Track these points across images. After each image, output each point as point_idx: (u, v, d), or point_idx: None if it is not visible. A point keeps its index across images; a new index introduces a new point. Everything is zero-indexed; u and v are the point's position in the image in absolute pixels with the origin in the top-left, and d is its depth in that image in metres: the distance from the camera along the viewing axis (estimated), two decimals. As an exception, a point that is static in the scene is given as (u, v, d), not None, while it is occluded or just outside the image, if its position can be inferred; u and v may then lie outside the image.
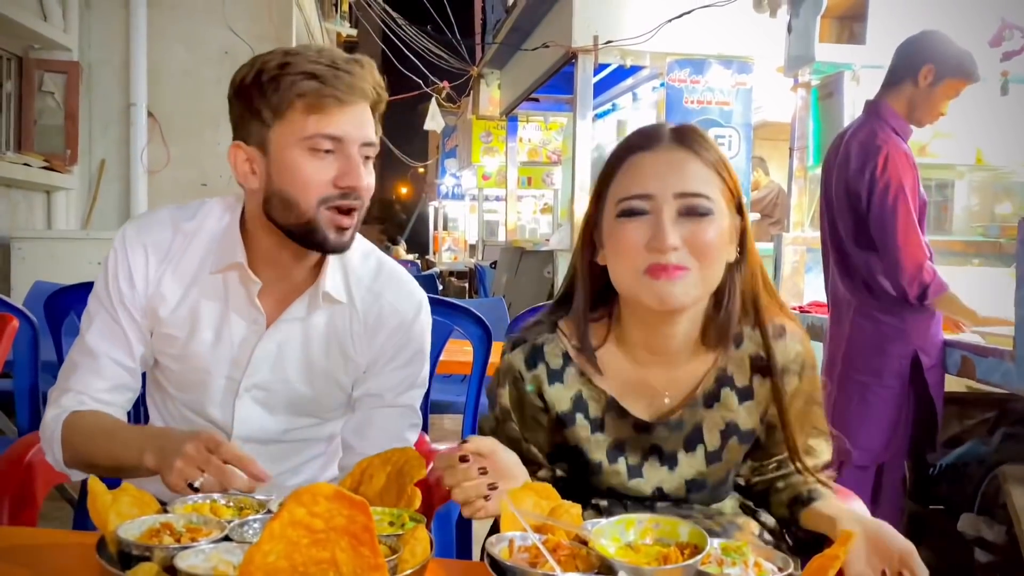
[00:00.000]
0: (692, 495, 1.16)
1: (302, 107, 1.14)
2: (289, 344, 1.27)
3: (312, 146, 1.15)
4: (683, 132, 1.08)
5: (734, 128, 4.85)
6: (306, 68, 1.14)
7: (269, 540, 0.75)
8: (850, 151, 2.46)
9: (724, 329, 1.10)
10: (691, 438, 1.14)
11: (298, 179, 1.16)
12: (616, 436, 1.14)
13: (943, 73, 2.44)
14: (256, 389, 1.27)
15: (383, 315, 1.29)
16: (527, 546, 0.91)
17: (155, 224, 1.27)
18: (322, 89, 1.13)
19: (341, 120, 1.15)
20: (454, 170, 14.78)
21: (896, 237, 2.34)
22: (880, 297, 2.45)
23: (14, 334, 1.77)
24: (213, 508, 0.99)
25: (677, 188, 1.02)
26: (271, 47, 3.72)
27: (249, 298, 1.24)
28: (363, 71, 1.17)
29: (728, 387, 1.13)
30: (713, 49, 4.93)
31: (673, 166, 1.04)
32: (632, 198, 1.03)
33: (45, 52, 4.94)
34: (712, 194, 1.04)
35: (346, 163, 1.16)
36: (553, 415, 1.15)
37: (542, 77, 6.59)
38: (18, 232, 4.47)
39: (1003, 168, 3.70)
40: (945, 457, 2.92)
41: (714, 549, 0.92)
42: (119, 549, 0.86)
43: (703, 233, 1.02)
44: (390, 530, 0.93)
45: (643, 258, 1.02)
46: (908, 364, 2.42)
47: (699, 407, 1.14)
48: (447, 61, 9.95)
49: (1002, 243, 3.43)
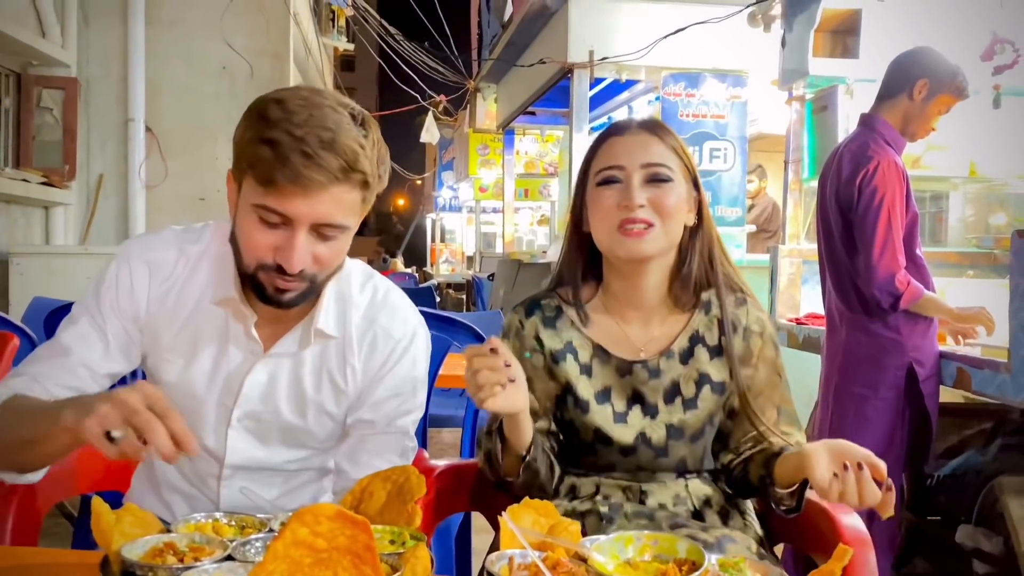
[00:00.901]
0: (672, 442, 1.30)
1: (255, 174, 1.09)
2: (279, 376, 1.25)
3: (260, 215, 1.10)
4: (649, 121, 1.33)
5: (729, 141, 4.88)
6: (275, 135, 1.06)
7: (272, 560, 0.76)
8: (843, 161, 2.50)
9: (687, 283, 1.32)
10: (670, 391, 1.31)
11: (243, 237, 1.14)
12: (603, 382, 1.32)
13: (937, 89, 2.47)
14: (247, 419, 1.26)
15: (376, 340, 1.27)
16: (527, 563, 0.92)
17: (161, 245, 1.25)
18: (276, 168, 1.06)
19: (292, 201, 1.08)
20: (451, 182, 14.82)
21: (873, 246, 2.37)
22: (873, 309, 2.46)
23: (15, 352, 1.77)
24: (215, 527, 1.00)
25: (643, 160, 1.27)
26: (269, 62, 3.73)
27: (246, 330, 1.23)
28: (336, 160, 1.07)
29: (700, 344, 1.32)
30: (708, 63, 4.97)
31: (640, 144, 1.28)
32: (608, 168, 1.28)
33: (43, 68, 4.95)
34: (672, 165, 1.28)
35: (288, 241, 1.10)
36: (547, 353, 1.33)
37: (538, 91, 6.63)
38: (16, 248, 4.47)
39: (996, 180, 3.72)
40: (942, 468, 2.93)
41: (712, 565, 0.92)
42: (123, 569, 0.87)
43: (665, 196, 1.26)
44: (391, 548, 0.94)
45: (616, 215, 1.25)
46: (904, 376, 2.45)
47: (675, 361, 1.31)
48: (444, 75, 9.99)
49: (996, 254, 3.45)
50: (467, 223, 16.79)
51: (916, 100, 2.49)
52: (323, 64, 8.81)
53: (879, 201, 2.37)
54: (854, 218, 2.43)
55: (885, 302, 2.39)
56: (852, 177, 2.44)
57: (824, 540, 1.21)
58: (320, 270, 1.15)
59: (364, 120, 1.13)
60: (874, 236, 2.37)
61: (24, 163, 4.80)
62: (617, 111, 7.22)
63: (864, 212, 2.40)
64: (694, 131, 4.84)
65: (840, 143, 2.67)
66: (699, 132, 4.85)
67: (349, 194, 1.11)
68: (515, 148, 9.47)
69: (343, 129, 1.09)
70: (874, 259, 2.37)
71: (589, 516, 1.26)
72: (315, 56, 7.88)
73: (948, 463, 2.95)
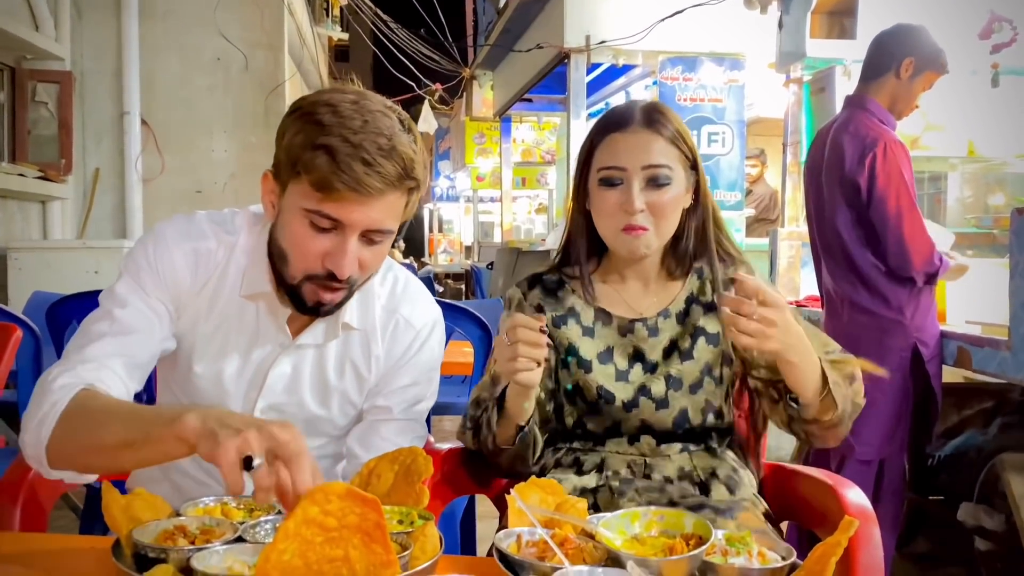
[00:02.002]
0: (671, 392, 1.34)
1: (310, 181, 1.08)
2: (303, 368, 1.26)
3: (312, 220, 1.10)
4: (650, 114, 1.35)
5: (727, 125, 4.87)
6: (331, 142, 1.06)
7: (284, 539, 0.77)
8: (843, 143, 2.48)
9: (681, 257, 1.40)
10: (668, 347, 1.37)
11: (292, 243, 1.14)
12: (605, 342, 1.38)
13: (922, 66, 2.48)
14: (272, 411, 1.26)
15: (398, 330, 1.29)
16: (535, 540, 0.93)
17: (201, 234, 1.23)
18: (334, 175, 1.06)
19: (347, 207, 1.08)
20: (448, 172, 14.79)
21: (902, 227, 2.37)
22: (879, 291, 2.46)
23: (18, 344, 1.78)
24: (224, 510, 1.00)
25: (644, 161, 1.31)
26: (264, 54, 3.72)
27: (278, 323, 1.23)
28: (393, 166, 1.08)
29: (695, 304, 1.39)
30: (705, 47, 4.96)
31: (642, 145, 1.32)
32: (611, 168, 1.33)
33: (38, 62, 4.94)
34: (672, 162, 1.33)
35: (340, 246, 1.11)
36: (549, 319, 1.37)
37: (535, 77, 6.61)
38: (14, 243, 4.47)
39: (995, 159, 3.72)
40: (944, 448, 2.94)
41: (718, 540, 0.93)
42: (135, 552, 0.88)
43: (661, 199, 1.32)
44: (400, 528, 0.94)
45: (619, 219, 1.32)
46: (909, 357, 2.45)
47: (672, 321, 1.38)
48: (439, 63, 9.96)
49: (995, 234, 3.46)
50: (465, 213, 16.76)
51: (903, 78, 2.48)
52: (318, 54, 8.78)
53: (896, 186, 2.37)
54: (869, 204, 2.42)
55: (923, 281, 2.41)
56: (859, 160, 2.42)
57: (829, 516, 1.22)
58: (362, 275, 1.16)
59: (410, 126, 1.14)
60: (900, 217, 2.36)
61: (20, 158, 4.79)
62: (614, 96, 7.19)
63: (883, 195, 2.38)
64: (692, 115, 4.83)
65: (827, 126, 2.66)
66: (697, 116, 4.84)
67: (399, 200, 1.13)
68: (512, 136, 9.45)
69: (397, 136, 1.10)
70: (906, 240, 2.37)
71: (600, 491, 1.28)
72: (310, 46, 7.85)
73: (949, 443, 2.96)
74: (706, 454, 1.35)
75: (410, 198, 1.15)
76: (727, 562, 0.90)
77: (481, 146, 11.18)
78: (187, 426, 0.88)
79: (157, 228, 1.23)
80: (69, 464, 1.04)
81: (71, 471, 1.05)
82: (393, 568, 0.81)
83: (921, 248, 2.37)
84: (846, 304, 2.56)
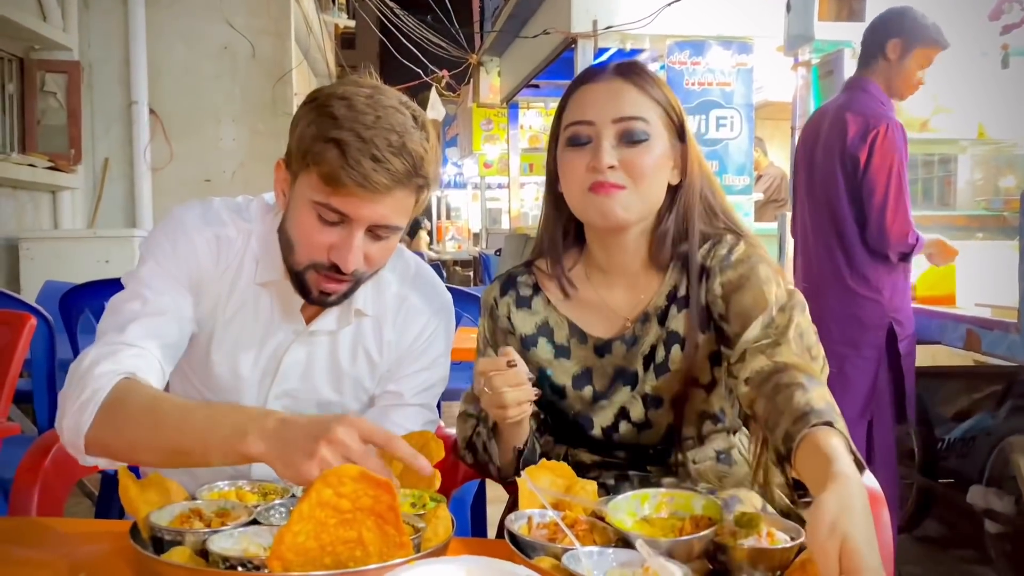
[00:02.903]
0: (652, 412, 1.20)
1: (319, 173, 1.08)
2: (316, 354, 1.27)
3: (319, 212, 1.10)
4: (625, 66, 1.18)
5: (735, 108, 4.85)
6: (343, 136, 1.05)
7: (299, 521, 0.78)
8: (846, 120, 2.53)
9: (663, 241, 1.20)
10: (648, 356, 1.20)
11: (299, 234, 1.13)
12: (582, 364, 1.23)
13: (910, 44, 2.53)
14: (286, 397, 1.27)
15: (409, 317, 1.29)
16: (545, 522, 0.94)
17: (221, 222, 1.23)
18: (342, 170, 1.05)
19: (355, 202, 1.08)
20: (455, 159, 14.76)
21: (887, 205, 2.46)
22: (860, 269, 2.54)
23: (32, 332, 1.79)
24: (239, 494, 1.02)
25: (614, 114, 1.13)
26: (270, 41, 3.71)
27: (292, 312, 1.23)
28: (404, 164, 1.07)
29: (674, 302, 1.20)
30: (712, 30, 4.92)
31: (612, 94, 1.15)
32: (577, 123, 1.15)
33: (45, 52, 4.94)
34: (650, 116, 1.14)
35: (346, 240, 1.10)
36: (518, 337, 1.26)
37: (542, 63, 6.58)
38: (26, 233, 4.49)
39: (1006, 142, 3.70)
40: (954, 431, 2.95)
41: (728, 521, 0.94)
42: (152, 535, 0.89)
43: (638, 157, 1.13)
44: (412, 510, 0.96)
45: (586, 178, 1.14)
46: (884, 335, 2.53)
47: (652, 324, 1.20)
48: (446, 50, 9.93)
49: (1005, 216, 3.44)
50: (472, 199, 16.74)
51: (892, 60, 2.55)
52: (324, 42, 8.76)
53: (891, 160, 2.45)
54: (864, 176, 2.48)
55: (896, 257, 2.50)
56: (863, 136, 2.47)
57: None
58: (368, 269, 1.16)
59: (424, 123, 1.13)
60: (887, 194, 2.45)
61: (30, 148, 4.81)
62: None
63: (877, 170, 2.45)
64: (700, 99, 4.80)
65: (826, 106, 2.72)
66: (705, 100, 4.82)
67: (407, 197, 1.12)
68: (519, 122, 9.42)
69: (409, 133, 1.09)
70: (887, 215, 2.45)
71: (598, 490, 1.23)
72: (316, 34, 7.84)
73: (959, 426, 2.96)
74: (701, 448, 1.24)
75: (420, 196, 1.14)
76: (736, 543, 0.91)
77: (488, 132, 11.15)
78: (254, 447, 0.91)
79: (176, 213, 1.23)
80: (107, 454, 1.04)
81: (107, 459, 1.05)
82: (406, 549, 0.82)
83: (899, 226, 2.46)
84: (828, 281, 2.61)
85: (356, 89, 1.10)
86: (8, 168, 4.23)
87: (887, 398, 2.57)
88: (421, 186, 1.13)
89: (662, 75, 5.23)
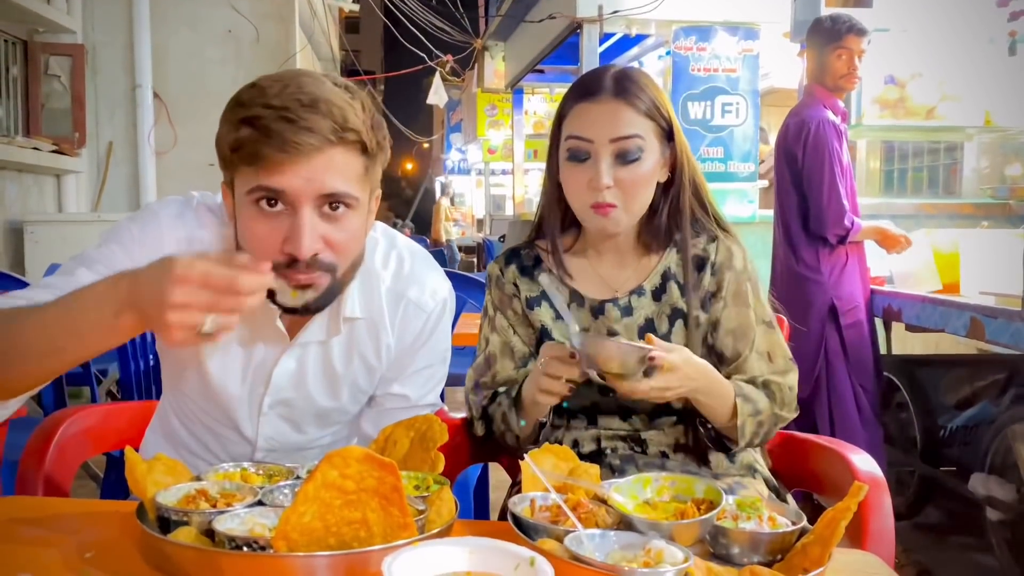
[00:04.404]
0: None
1: (240, 157, 1.02)
2: (308, 362, 1.22)
3: (256, 199, 1.03)
4: (621, 82, 1.26)
5: (741, 95, 4.82)
6: (251, 112, 1.01)
7: (304, 502, 0.79)
8: (788, 123, 2.96)
9: (656, 232, 1.33)
10: (643, 327, 1.32)
11: (249, 237, 1.06)
12: (581, 325, 1.33)
13: (818, 48, 2.91)
14: (280, 406, 1.24)
15: (407, 315, 1.24)
16: (548, 505, 0.95)
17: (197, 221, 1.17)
18: (259, 140, 1.00)
19: (286, 172, 1.00)
20: (459, 144, 14.74)
21: (822, 192, 2.82)
22: (801, 253, 2.91)
23: (38, 315, 1.80)
24: (244, 476, 1.03)
25: (611, 134, 1.24)
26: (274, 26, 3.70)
27: (271, 322, 1.17)
28: (323, 118, 1.01)
29: (672, 281, 1.33)
30: (719, 16, 4.89)
31: (610, 115, 1.25)
32: (578, 139, 1.26)
33: (50, 35, 4.94)
34: (643, 132, 1.26)
35: (291, 223, 1.02)
36: (523, 299, 1.36)
37: (547, 48, 6.55)
38: (30, 216, 4.51)
39: (1012, 129, 3.68)
40: (956, 419, 2.95)
41: (729, 505, 0.95)
42: (158, 515, 0.90)
43: (631, 176, 1.25)
44: (416, 493, 0.96)
45: (587, 195, 1.26)
46: (825, 312, 2.89)
47: (647, 299, 1.33)
48: (450, 35, 9.88)
49: (1011, 204, 3.43)
50: (476, 186, 16.72)
51: (814, 65, 2.94)
52: (328, 26, 8.73)
53: (822, 153, 2.82)
54: (802, 169, 2.87)
55: (834, 239, 2.85)
56: (797, 136, 2.87)
57: (839, 483, 1.23)
58: (337, 257, 1.07)
59: (348, 86, 1.07)
60: (821, 182, 2.82)
61: (34, 131, 4.81)
62: (626, 68, 7.12)
63: (812, 163, 2.84)
64: (705, 86, 4.78)
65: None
66: (711, 87, 4.79)
67: (345, 158, 1.04)
68: (524, 108, 9.38)
69: (325, 91, 1.03)
70: (824, 201, 2.82)
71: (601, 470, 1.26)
72: (320, 18, 7.81)
73: (961, 414, 2.97)
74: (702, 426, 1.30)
75: (366, 160, 1.07)
76: (738, 526, 0.91)
77: (493, 118, 11.14)
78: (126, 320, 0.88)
79: (152, 207, 1.18)
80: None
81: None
82: (410, 530, 0.82)
83: (834, 210, 2.81)
84: (781, 267, 3.00)
85: (266, 76, 1.06)
86: (12, 151, 4.24)
87: (841, 364, 2.89)
88: (360, 145, 1.05)
89: (668, 60, 5.21)
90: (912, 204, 3.97)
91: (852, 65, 2.86)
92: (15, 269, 4.32)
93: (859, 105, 3.53)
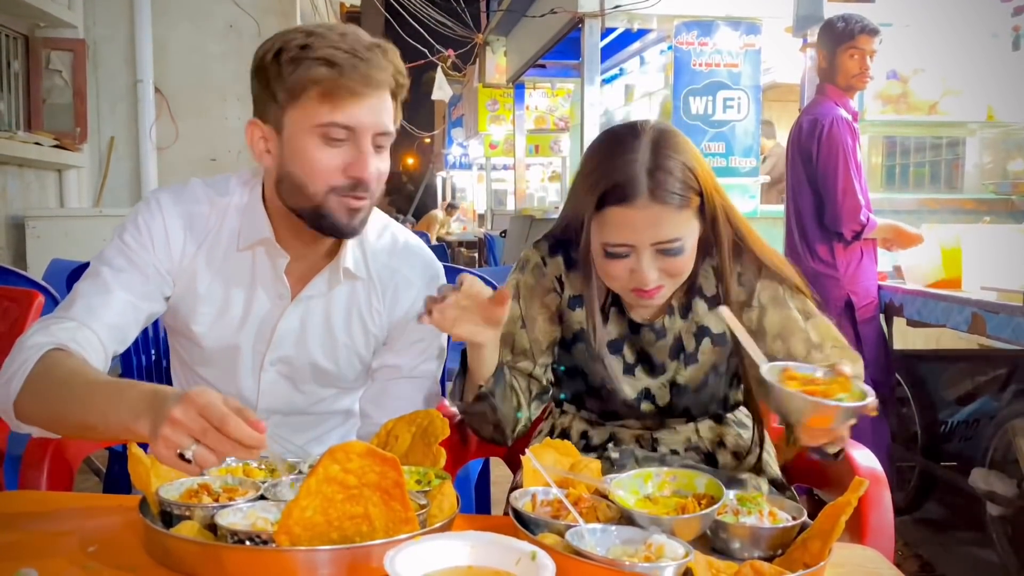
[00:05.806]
0: (675, 399, 1.31)
1: (317, 94, 1.12)
2: (311, 320, 1.28)
3: (324, 133, 1.14)
4: (656, 176, 1.17)
5: (743, 90, 4.81)
6: (324, 53, 1.11)
7: (306, 496, 0.79)
8: (802, 122, 2.98)
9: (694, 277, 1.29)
10: (674, 348, 1.31)
11: (308, 165, 1.15)
12: (617, 332, 1.31)
13: (830, 49, 2.93)
14: (280, 363, 1.29)
15: (399, 288, 1.30)
16: (549, 500, 0.95)
17: (193, 198, 1.26)
18: (339, 79, 1.11)
19: (356, 110, 1.13)
20: (461, 139, 14.71)
21: (837, 189, 2.84)
22: (817, 250, 2.93)
23: (40, 309, 1.80)
24: (246, 471, 1.03)
25: (653, 239, 1.18)
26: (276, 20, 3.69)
27: (276, 273, 1.25)
28: (384, 59, 1.15)
29: (698, 296, 1.31)
30: (721, 10, 4.88)
31: (650, 221, 1.17)
32: (616, 246, 1.19)
33: (51, 30, 4.93)
34: (684, 233, 1.19)
35: (357, 153, 1.15)
36: (565, 298, 1.32)
37: (548, 43, 6.53)
38: (32, 211, 4.50)
39: (1015, 124, 3.68)
40: (957, 414, 2.96)
41: (730, 500, 0.95)
42: (161, 509, 0.90)
43: (676, 264, 1.21)
44: (417, 487, 0.97)
45: (628, 280, 1.21)
46: (842, 307, 2.91)
47: (676, 317, 1.31)
48: (452, 29, 9.87)
49: (1014, 200, 3.43)
50: (478, 181, 16.70)
51: (825, 65, 2.96)
52: (329, 21, 8.71)
53: (837, 150, 2.84)
54: (817, 166, 2.89)
55: (849, 234, 2.87)
56: (811, 134, 2.90)
57: (840, 479, 1.23)
58: (378, 187, 1.20)
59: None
60: (836, 179, 2.84)
61: (35, 126, 4.81)
62: (628, 62, 7.11)
63: (827, 160, 2.86)
64: (707, 80, 4.77)
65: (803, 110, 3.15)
66: (712, 82, 4.78)
67: (389, 101, 1.18)
68: (525, 103, 9.36)
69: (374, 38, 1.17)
70: (839, 197, 2.84)
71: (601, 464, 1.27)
72: (321, 12, 7.80)
73: (962, 409, 2.97)
74: (713, 422, 1.35)
75: (395, 103, 1.20)
76: (738, 521, 0.92)
77: (494, 113, 11.10)
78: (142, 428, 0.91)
79: (151, 194, 1.27)
80: (34, 423, 1.07)
81: (39, 428, 1.08)
82: (411, 525, 0.83)
83: (850, 206, 2.84)
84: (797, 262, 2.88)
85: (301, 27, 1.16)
86: (14, 146, 4.24)
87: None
88: (403, 86, 1.19)
89: (669, 55, 5.19)
90: (914, 199, 3.97)
91: (864, 65, 2.89)
92: (17, 264, 4.32)
93: (861, 100, 3.53)
